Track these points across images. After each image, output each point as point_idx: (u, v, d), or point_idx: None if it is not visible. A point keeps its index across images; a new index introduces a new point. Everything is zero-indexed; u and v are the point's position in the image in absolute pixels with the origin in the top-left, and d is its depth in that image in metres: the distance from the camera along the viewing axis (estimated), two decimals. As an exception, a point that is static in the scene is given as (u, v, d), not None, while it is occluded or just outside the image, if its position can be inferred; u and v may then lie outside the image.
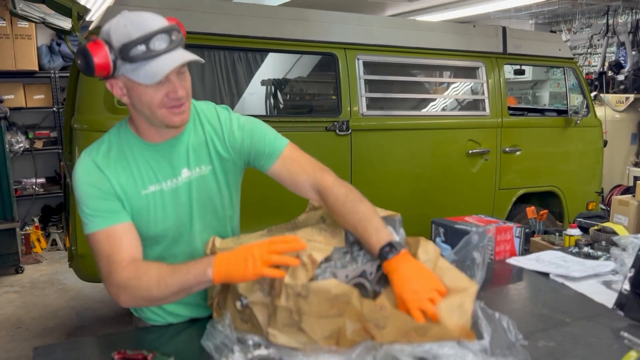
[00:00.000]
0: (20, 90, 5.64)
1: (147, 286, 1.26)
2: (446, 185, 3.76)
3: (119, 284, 1.28)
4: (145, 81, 1.25)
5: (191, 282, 1.24)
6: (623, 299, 1.55)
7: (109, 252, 1.30)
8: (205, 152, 1.46)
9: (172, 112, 1.31)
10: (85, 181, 1.35)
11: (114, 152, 1.38)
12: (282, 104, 4.23)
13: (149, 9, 1.40)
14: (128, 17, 1.27)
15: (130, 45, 1.23)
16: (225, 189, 1.51)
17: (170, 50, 1.27)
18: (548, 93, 7.39)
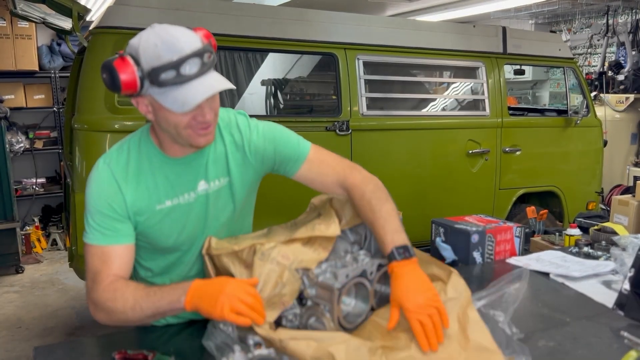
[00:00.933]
0: (20, 90, 5.64)
1: (123, 309, 1.26)
2: (446, 185, 3.76)
3: (97, 303, 1.29)
4: (173, 108, 1.20)
5: (164, 307, 1.24)
6: (623, 298, 1.55)
7: (96, 269, 1.31)
8: (224, 164, 1.42)
9: (197, 134, 1.28)
10: (98, 193, 1.33)
11: (133, 165, 1.35)
12: (282, 103, 4.23)
13: (149, 9, 1.39)
14: (159, 35, 1.19)
15: (159, 70, 1.17)
16: (241, 199, 1.48)
17: (202, 74, 1.20)
18: (548, 93, 7.39)
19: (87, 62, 2.84)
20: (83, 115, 2.85)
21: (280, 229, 1.49)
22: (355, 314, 1.30)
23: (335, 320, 1.22)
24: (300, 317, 1.27)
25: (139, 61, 1.19)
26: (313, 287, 1.25)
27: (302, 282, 1.26)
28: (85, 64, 2.86)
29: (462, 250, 2.09)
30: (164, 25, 1.23)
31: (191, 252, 1.47)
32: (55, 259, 5.32)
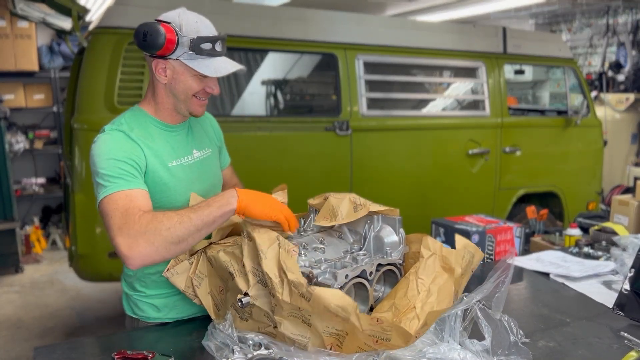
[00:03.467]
0: (20, 90, 5.64)
1: (169, 225, 1.26)
2: (446, 185, 3.76)
3: (136, 233, 1.25)
4: (207, 73, 1.44)
5: (215, 213, 1.29)
6: (623, 299, 1.55)
7: (125, 207, 1.30)
8: (205, 138, 1.68)
9: (199, 104, 1.52)
10: (116, 147, 1.40)
11: (137, 130, 1.47)
12: (282, 104, 4.23)
13: (149, 9, 1.43)
14: (195, 15, 1.45)
15: (203, 40, 1.42)
16: (218, 170, 1.73)
17: (223, 54, 1.50)
18: (548, 93, 7.39)
19: (87, 62, 2.84)
20: (83, 115, 2.85)
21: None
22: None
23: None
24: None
25: (180, 29, 1.41)
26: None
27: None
28: (85, 64, 2.85)
29: (462, 250, 2.08)
30: (191, 12, 1.47)
31: None
32: (55, 259, 5.31)
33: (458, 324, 1.25)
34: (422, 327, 1.16)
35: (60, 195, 5.51)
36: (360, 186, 3.44)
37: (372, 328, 1.13)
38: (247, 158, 3.08)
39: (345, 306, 1.12)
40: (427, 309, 1.17)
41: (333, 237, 1.46)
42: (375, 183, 3.52)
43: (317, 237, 1.43)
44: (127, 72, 2.82)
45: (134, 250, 1.25)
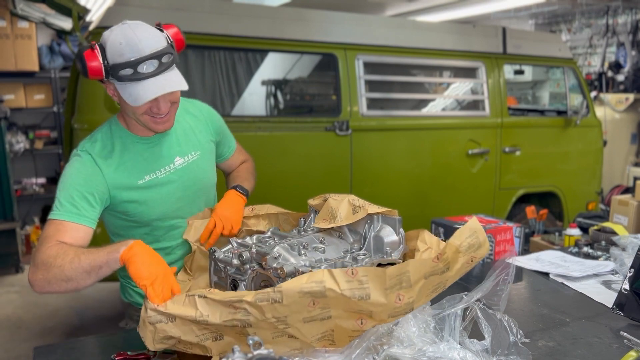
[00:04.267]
0: (20, 91, 5.64)
1: (61, 263, 1.26)
2: (446, 185, 3.76)
3: (39, 262, 1.28)
4: (128, 101, 1.36)
5: (102, 258, 1.24)
6: (623, 298, 1.55)
7: (49, 236, 1.34)
8: (194, 139, 1.62)
9: (154, 121, 1.44)
10: (77, 172, 1.42)
11: (109, 147, 1.48)
12: (282, 104, 4.23)
13: (149, 9, 1.42)
14: (125, 33, 1.34)
15: (118, 67, 1.33)
16: (212, 170, 1.69)
17: (158, 73, 1.35)
18: (548, 93, 7.39)
19: (87, 62, 2.84)
20: (83, 115, 2.86)
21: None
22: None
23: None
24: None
25: (105, 54, 1.35)
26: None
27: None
28: (85, 64, 2.85)
29: (462, 250, 2.09)
30: (134, 24, 1.37)
31: (178, 227, 1.60)
32: (55, 259, 5.31)
33: (458, 323, 1.25)
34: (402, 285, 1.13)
35: (60, 195, 5.50)
36: (360, 186, 3.44)
37: (350, 286, 1.10)
38: (247, 158, 3.08)
39: (316, 278, 1.10)
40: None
41: (333, 237, 1.47)
42: (375, 183, 3.52)
43: (317, 237, 1.43)
44: (127, 72, 2.82)
45: (32, 277, 1.29)
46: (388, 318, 1.15)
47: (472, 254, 1.29)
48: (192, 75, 3.31)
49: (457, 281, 1.87)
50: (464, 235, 1.27)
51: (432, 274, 1.19)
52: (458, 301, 1.26)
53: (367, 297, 1.10)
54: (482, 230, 1.31)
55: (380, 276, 1.11)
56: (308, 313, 1.13)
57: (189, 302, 1.17)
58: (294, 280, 1.12)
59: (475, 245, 1.29)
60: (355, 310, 1.13)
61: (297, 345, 1.18)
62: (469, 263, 1.29)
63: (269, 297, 1.11)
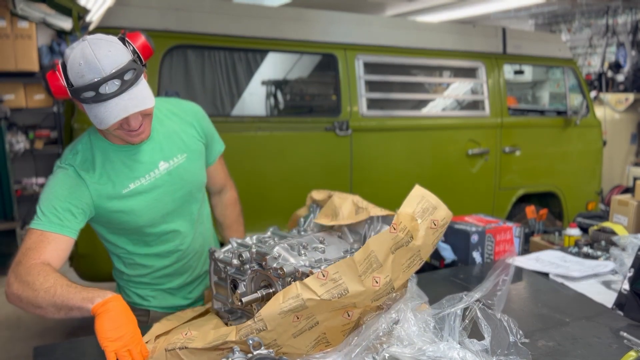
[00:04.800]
0: (20, 91, 5.64)
1: (38, 287, 1.23)
2: (446, 185, 3.76)
3: (19, 275, 1.28)
4: (94, 123, 1.30)
5: (75, 302, 1.20)
6: (622, 298, 1.55)
7: (30, 247, 1.34)
8: (179, 141, 1.56)
9: (129, 135, 1.38)
10: (60, 183, 1.40)
11: (90, 159, 1.45)
12: (282, 104, 4.23)
13: (148, 9, 1.41)
14: (84, 53, 1.26)
15: (80, 90, 1.26)
16: (201, 172, 1.64)
17: (121, 92, 1.27)
18: (548, 93, 7.39)
19: (87, 62, 2.84)
20: (83, 115, 2.85)
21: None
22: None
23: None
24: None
25: (67, 75, 1.28)
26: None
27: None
28: (85, 64, 2.85)
29: (462, 250, 2.09)
30: (94, 40, 1.29)
31: (168, 233, 1.58)
32: (55, 259, 5.31)
33: (457, 323, 1.25)
34: (373, 267, 1.11)
35: (60, 195, 5.50)
36: (360, 186, 3.44)
37: (326, 288, 1.09)
38: (247, 158, 3.08)
39: (292, 293, 1.10)
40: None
41: (333, 236, 1.47)
42: (375, 183, 3.52)
43: (317, 237, 1.43)
44: (127, 72, 2.82)
45: (8, 289, 1.29)
46: (372, 302, 1.15)
47: (430, 218, 1.23)
48: (192, 75, 3.31)
49: (457, 281, 1.88)
50: (413, 202, 1.24)
51: (397, 246, 1.15)
52: (458, 301, 1.26)
53: (345, 292, 1.10)
54: (430, 194, 1.29)
55: (351, 265, 1.11)
56: (295, 328, 1.13)
57: (171, 357, 1.16)
58: (271, 302, 1.11)
59: (430, 209, 1.25)
60: (339, 307, 1.13)
61: (294, 357, 1.19)
62: (433, 228, 1.23)
63: (252, 329, 1.11)
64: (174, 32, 2.90)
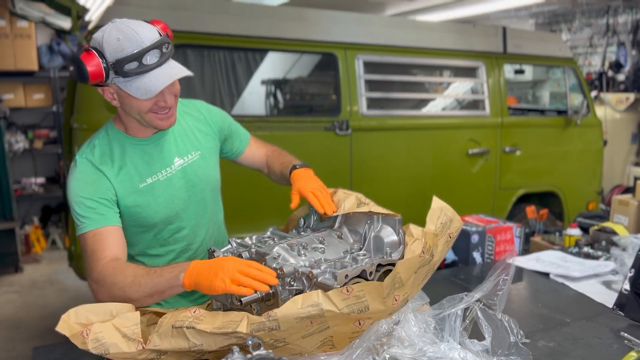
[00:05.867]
0: (20, 90, 5.63)
1: (122, 285, 1.26)
2: (446, 185, 3.76)
3: (97, 280, 1.30)
4: (138, 95, 1.33)
5: (163, 285, 1.24)
6: (623, 299, 1.55)
7: (92, 250, 1.35)
8: (193, 139, 1.59)
9: (159, 118, 1.41)
10: (84, 182, 1.40)
11: (108, 153, 1.45)
12: (282, 103, 4.23)
13: (148, 9, 1.41)
14: (120, 29, 1.32)
15: (123, 62, 1.29)
16: (214, 170, 1.65)
17: (161, 64, 1.33)
18: (548, 93, 7.38)
19: (87, 61, 2.84)
20: (82, 114, 2.85)
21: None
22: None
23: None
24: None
25: (104, 54, 1.31)
26: (312, 288, 1.25)
27: (302, 282, 1.26)
28: (85, 64, 2.85)
29: (462, 250, 2.09)
30: (124, 20, 1.35)
31: (183, 229, 1.57)
32: (55, 259, 5.31)
33: (458, 323, 1.25)
34: (395, 287, 1.13)
35: (60, 194, 5.50)
36: (360, 186, 3.44)
37: (348, 303, 1.10)
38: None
39: (312, 301, 1.10)
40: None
41: (333, 237, 1.46)
42: (375, 183, 3.52)
43: (317, 237, 1.43)
44: (126, 72, 2.82)
45: (97, 296, 1.31)
46: (387, 316, 1.17)
47: (447, 232, 1.31)
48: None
49: (457, 281, 1.87)
50: (434, 217, 1.30)
51: (421, 266, 1.20)
52: (458, 301, 1.26)
53: (366, 309, 1.12)
54: (448, 206, 1.35)
55: (378, 288, 1.12)
56: (306, 331, 1.13)
57: (177, 334, 1.15)
58: (289, 305, 1.11)
59: (448, 223, 1.32)
60: (354, 319, 1.14)
61: (296, 352, 1.19)
62: (448, 241, 1.31)
63: (264, 327, 1.11)
64: (174, 32, 2.88)
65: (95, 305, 1.20)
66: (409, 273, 1.16)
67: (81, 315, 1.18)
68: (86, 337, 1.13)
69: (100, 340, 1.13)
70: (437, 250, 1.26)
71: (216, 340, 1.14)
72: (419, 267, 1.19)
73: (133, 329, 1.15)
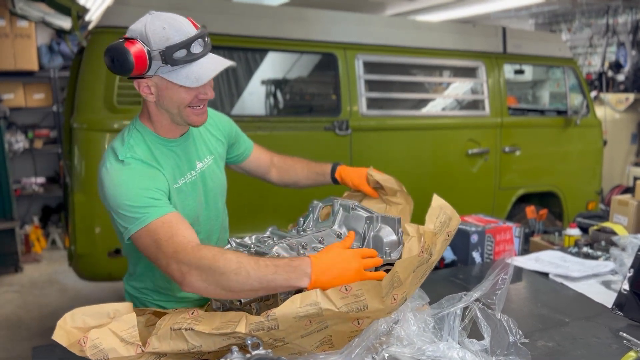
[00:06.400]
0: (20, 90, 5.64)
1: (224, 270, 1.15)
2: (446, 185, 3.76)
3: (189, 262, 1.18)
4: (187, 84, 1.31)
5: (280, 283, 1.14)
6: (622, 299, 1.55)
7: (169, 234, 1.24)
8: (205, 145, 1.58)
9: (195, 113, 1.40)
10: (137, 175, 1.33)
11: (148, 151, 1.41)
12: (282, 103, 4.23)
13: (148, 9, 1.41)
14: (163, 19, 1.31)
15: (173, 49, 1.28)
16: (223, 175, 1.66)
17: (206, 53, 1.34)
18: (548, 93, 7.38)
19: (86, 61, 2.84)
20: (82, 114, 2.85)
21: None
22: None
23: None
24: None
25: (148, 42, 1.29)
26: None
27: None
28: (85, 64, 2.85)
29: (462, 250, 2.09)
30: (161, 12, 1.35)
31: (201, 229, 1.54)
32: (55, 259, 5.31)
33: (457, 323, 1.25)
34: (394, 286, 1.13)
35: (60, 194, 5.50)
36: (360, 186, 3.43)
37: (346, 302, 1.10)
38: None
39: (310, 300, 1.09)
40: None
41: (332, 237, 1.46)
42: (375, 183, 3.51)
43: (317, 237, 1.43)
44: (126, 72, 2.82)
45: (186, 279, 1.19)
46: (385, 315, 1.17)
47: (446, 230, 1.32)
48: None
49: (456, 281, 1.87)
50: (434, 216, 1.32)
51: (419, 265, 1.21)
52: (457, 301, 1.26)
53: (364, 308, 1.12)
54: (447, 204, 1.37)
55: (376, 287, 1.12)
56: (305, 330, 1.14)
57: (176, 336, 1.15)
58: (287, 304, 1.11)
59: (447, 221, 1.33)
60: (353, 317, 1.14)
61: (295, 352, 1.19)
62: (447, 239, 1.33)
63: (263, 326, 1.11)
64: (174, 32, 2.89)
65: (91, 307, 1.18)
66: (407, 272, 1.17)
67: (77, 319, 1.16)
68: (84, 345, 1.12)
69: (99, 347, 1.12)
70: (435, 249, 1.27)
71: (215, 341, 1.14)
72: (417, 266, 1.20)
73: (131, 332, 1.14)
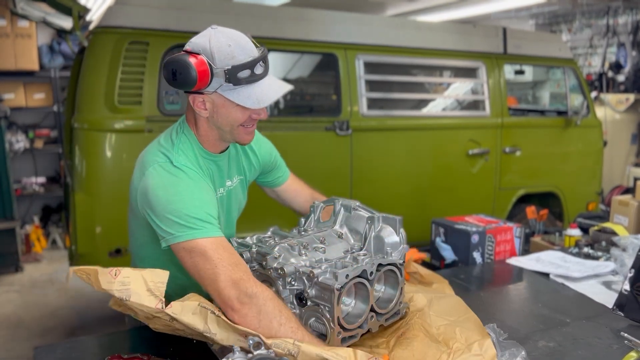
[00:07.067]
0: (20, 90, 5.63)
1: (280, 322, 1.18)
2: (446, 186, 3.76)
3: (251, 294, 1.19)
4: (248, 104, 1.30)
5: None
6: (623, 299, 1.55)
7: (233, 261, 1.23)
8: (239, 165, 1.58)
9: (246, 132, 1.40)
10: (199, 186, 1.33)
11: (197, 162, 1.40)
12: (282, 103, 4.23)
13: (149, 8, 1.41)
14: (228, 35, 1.30)
15: (238, 68, 1.27)
16: (245, 196, 1.64)
17: (267, 75, 1.33)
18: (548, 93, 7.38)
19: (88, 61, 2.84)
20: (83, 114, 2.85)
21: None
22: (355, 314, 1.30)
23: (335, 321, 1.22)
24: (300, 318, 1.27)
25: (213, 59, 1.27)
26: (313, 288, 1.25)
27: (303, 282, 1.26)
28: (86, 64, 2.85)
29: (462, 250, 2.09)
30: (223, 28, 1.32)
31: None
32: (55, 259, 5.31)
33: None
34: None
35: (61, 194, 5.50)
36: (360, 186, 3.44)
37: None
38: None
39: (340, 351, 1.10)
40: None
41: (334, 237, 1.46)
42: (375, 183, 3.52)
43: (318, 237, 1.43)
44: (127, 72, 2.82)
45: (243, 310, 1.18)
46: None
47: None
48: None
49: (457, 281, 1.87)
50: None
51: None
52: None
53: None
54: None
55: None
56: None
57: (199, 313, 1.15)
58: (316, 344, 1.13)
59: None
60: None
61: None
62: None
63: (285, 348, 1.12)
64: (174, 32, 2.89)
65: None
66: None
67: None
68: (114, 277, 1.14)
69: (126, 285, 1.15)
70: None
71: (230, 337, 1.15)
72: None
73: (159, 286, 1.17)
